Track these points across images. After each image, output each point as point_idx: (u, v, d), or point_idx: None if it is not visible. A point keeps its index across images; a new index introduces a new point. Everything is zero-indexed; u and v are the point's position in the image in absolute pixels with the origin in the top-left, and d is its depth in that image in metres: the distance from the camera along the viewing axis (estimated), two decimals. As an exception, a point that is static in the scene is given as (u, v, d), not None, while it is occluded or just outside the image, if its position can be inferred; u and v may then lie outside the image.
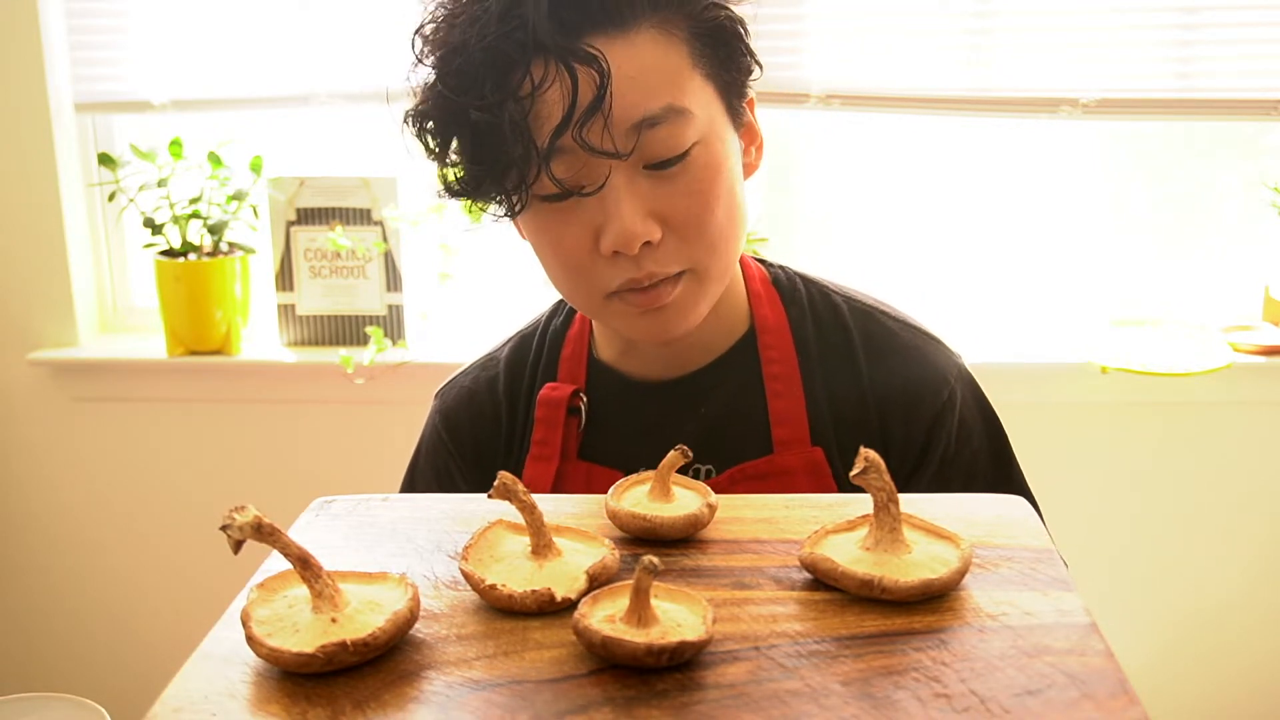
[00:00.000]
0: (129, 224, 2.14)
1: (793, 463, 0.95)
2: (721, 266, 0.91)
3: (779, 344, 0.98)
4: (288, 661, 0.56)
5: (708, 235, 0.88)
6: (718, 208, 0.88)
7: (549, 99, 0.82)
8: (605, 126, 0.82)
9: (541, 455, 0.99)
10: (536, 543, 0.66)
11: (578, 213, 0.86)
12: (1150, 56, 1.89)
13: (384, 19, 1.97)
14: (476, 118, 0.83)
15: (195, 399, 2.10)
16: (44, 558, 2.21)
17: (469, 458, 1.05)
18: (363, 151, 2.11)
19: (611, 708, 0.53)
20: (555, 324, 1.06)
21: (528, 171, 0.83)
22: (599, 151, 0.82)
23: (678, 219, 0.87)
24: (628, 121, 0.83)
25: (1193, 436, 2.01)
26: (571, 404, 0.99)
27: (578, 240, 0.88)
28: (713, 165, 0.87)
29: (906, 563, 0.64)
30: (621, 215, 0.84)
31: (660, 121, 0.84)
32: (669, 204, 0.86)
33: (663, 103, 0.84)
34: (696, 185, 0.86)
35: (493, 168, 0.85)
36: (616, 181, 0.85)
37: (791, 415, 0.96)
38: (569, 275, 0.91)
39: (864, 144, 2.04)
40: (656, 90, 0.84)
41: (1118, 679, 0.55)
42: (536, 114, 0.82)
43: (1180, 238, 2.10)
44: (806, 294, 1.02)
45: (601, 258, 0.87)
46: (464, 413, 1.06)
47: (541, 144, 0.82)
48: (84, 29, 2.03)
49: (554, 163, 0.83)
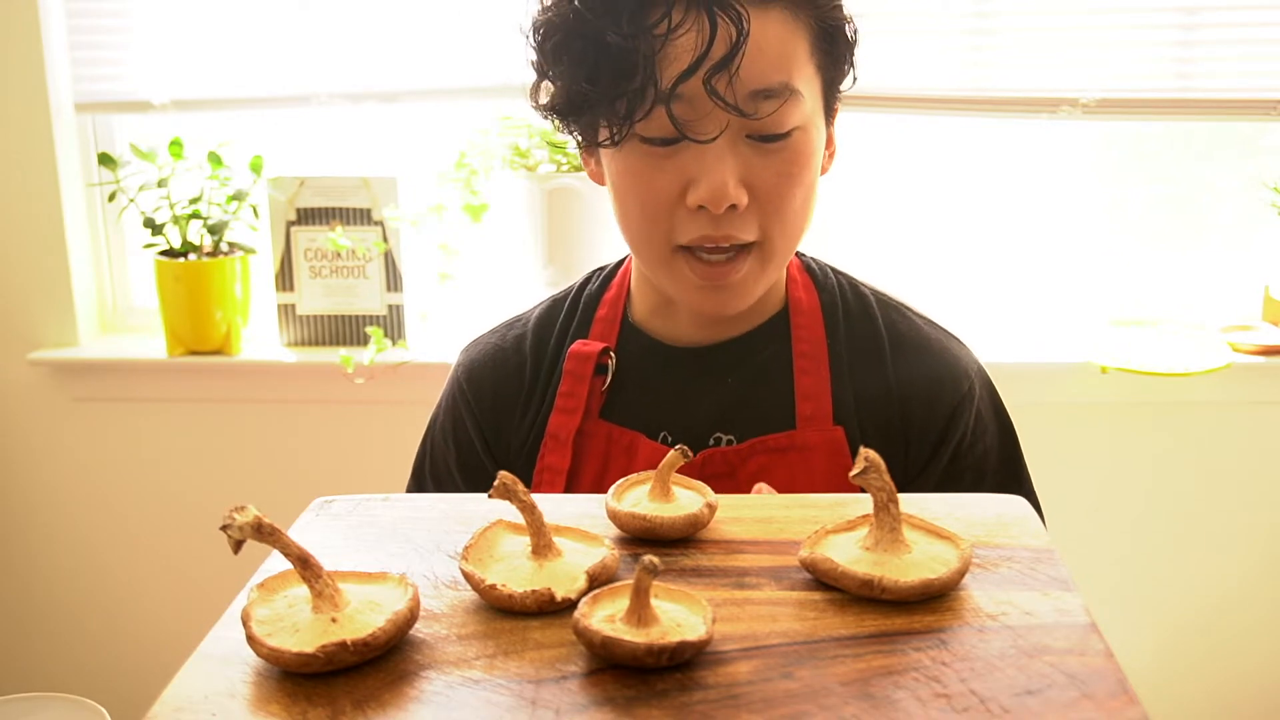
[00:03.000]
0: (129, 224, 2.14)
1: (814, 440, 0.96)
2: (787, 249, 0.95)
3: (810, 324, 1.01)
4: (288, 661, 0.56)
5: (785, 215, 0.91)
6: (799, 193, 0.91)
7: (682, 43, 0.84)
8: (729, 83, 0.84)
9: (566, 408, 1.01)
10: (536, 543, 0.66)
11: (674, 160, 0.89)
12: (1150, 56, 1.89)
13: (384, 19, 1.97)
14: (613, 40, 0.84)
15: (195, 399, 2.10)
16: (44, 558, 2.21)
17: (485, 410, 1.06)
18: (363, 151, 2.11)
19: (611, 708, 0.53)
20: (590, 289, 1.08)
21: (638, 107, 0.85)
22: (724, 102, 0.84)
23: (764, 192, 0.89)
24: (749, 86, 0.86)
25: (1193, 436, 2.01)
26: (600, 361, 1.01)
27: (667, 187, 0.90)
28: (806, 152, 0.91)
29: (906, 563, 0.64)
30: (720, 172, 0.87)
31: (775, 95, 0.87)
32: (760, 177, 0.89)
33: (782, 79, 0.87)
34: (788, 167, 0.89)
35: (607, 93, 0.86)
36: (722, 140, 0.87)
37: (817, 393, 0.98)
38: (647, 221, 0.92)
39: (864, 144, 2.04)
40: (779, 65, 0.87)
41: (1118, 679, 0.55)
42: (665, 54, 0.85)
43: (1180, 238, 2.10)
44: (837, 283, 1.05)
45: (684, 209, 0.90)
46: (487, 365, 1.07)
47: (665, 84, 0.84)
48: (84, 29, 2.03)
49: (673, 105, 0.85)
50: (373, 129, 2.10)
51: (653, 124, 0.86)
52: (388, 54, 1.99)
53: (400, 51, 1.99)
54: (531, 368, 1.05)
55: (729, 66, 0.83)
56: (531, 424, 1.03)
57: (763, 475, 0.95)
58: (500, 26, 1.92)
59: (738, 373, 1.00)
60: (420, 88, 2.00)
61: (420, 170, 2.04)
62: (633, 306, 1.05)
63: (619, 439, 0.99)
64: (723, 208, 0.88)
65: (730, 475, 0.95)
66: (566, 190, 1.87)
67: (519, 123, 1.93)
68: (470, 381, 1.07)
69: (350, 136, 2.11)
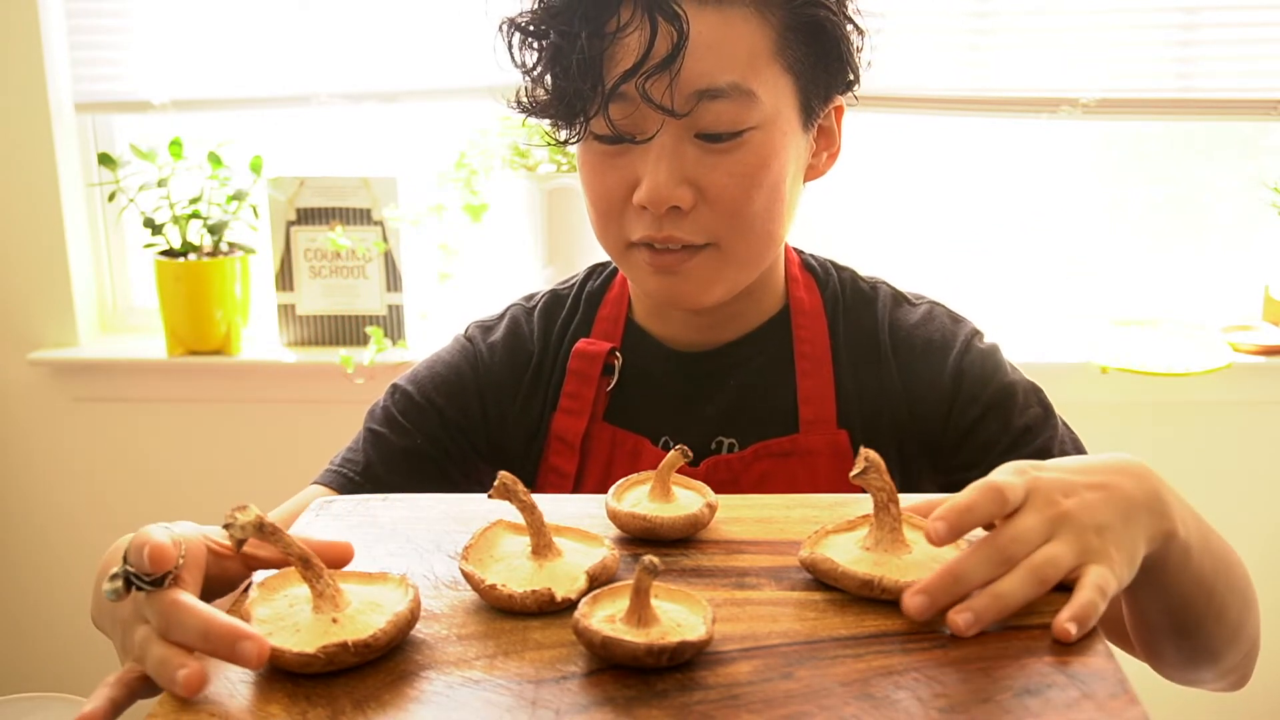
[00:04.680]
0: (129, 224, 2.13)
1: (817, 443, 0.96)
2: (750, 253, 0.93)
3: (812, 325, 1.00)
4: (288, 661, 0.56)
5: (741, 218, 0.90)
6: (758, 194, 0.89)
7: (628, 44, 0.84)
8: (669, 85, 0.84)
9: (572, 409, 1.00)
10: (536, 543, 0.66)
11: (624, 159, 0.89)
12: (1150, 56, 1.89)
13: (384, 19, 1.97)
14: (556, 41, 0.86)
15: (195, 399, 2.10)
16: (44, 557, 2.21)
17: (497, 367, 1.03)
18: (363, 151, 2.11)
19: (611, 708, 0.53)
20: (592, 285, 1.07)
21: (589, 107, 0.86)
22: (655, 104, 0.85)
23: (714, 193, 0.88)
24: (691, 86, 0.85)
25: (1193, 436, 2.01)
26: (607, 361, 1.01)
27: (616, 185, 0.90)
28: (765, 153, 0.89)
29: (906, 563, 0.64)
30: (658, 173, 0.87)
31: (722, 96, 0.86)
32: (709, 178, 0.88)
33: (731, 79, 0.86)
34: (742, 168, 0.88)
35: (561, 93, 0.87)
36: (664, 140, 0.87)
37: (819, 395, 0.97)
38: (600, 216, 0.93)
39: (864, 144, 2.04)
40: (729, 66, 0.86)
41: (1118, 679, 0.55)
42: (613, 54, 0.85)
43: (1180, 238, 2.10)
44: (838, 280, 1.04)
45: (632, 207, 0.90)
46: (503, 332, 1.06)
47: (607, 85, 0.85)
48: (84, 29, 2.03)
49: (613, 105, 0.86)
50: (372, 129, 2.10)
51: (600, 122, 0.88)
52: (387, 54, 1.99)
53: (400, 51, 1.99)
54: (538, 353, 1.04)
55: (668, 69, 0.83)
56: (534, 413, 1.02)
57: (766, 481, 0.95)
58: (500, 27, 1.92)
59: (739, 375, 0.99)
60: (420, 88, 2.00)
61: (420, 170, 2.04)
62: (634, 308, 1.05)
63: (623, 443, 0.98)
64: (662, 208, 0.88)
65: (734, 482, 0.95)
66: (566, 190, 1.87)
67: (519, 123, 1.93)
68: (485, 341, 1.05)
69: (350, 136, 2.11)
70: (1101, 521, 0.64)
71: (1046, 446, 0.95)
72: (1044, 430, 0.96)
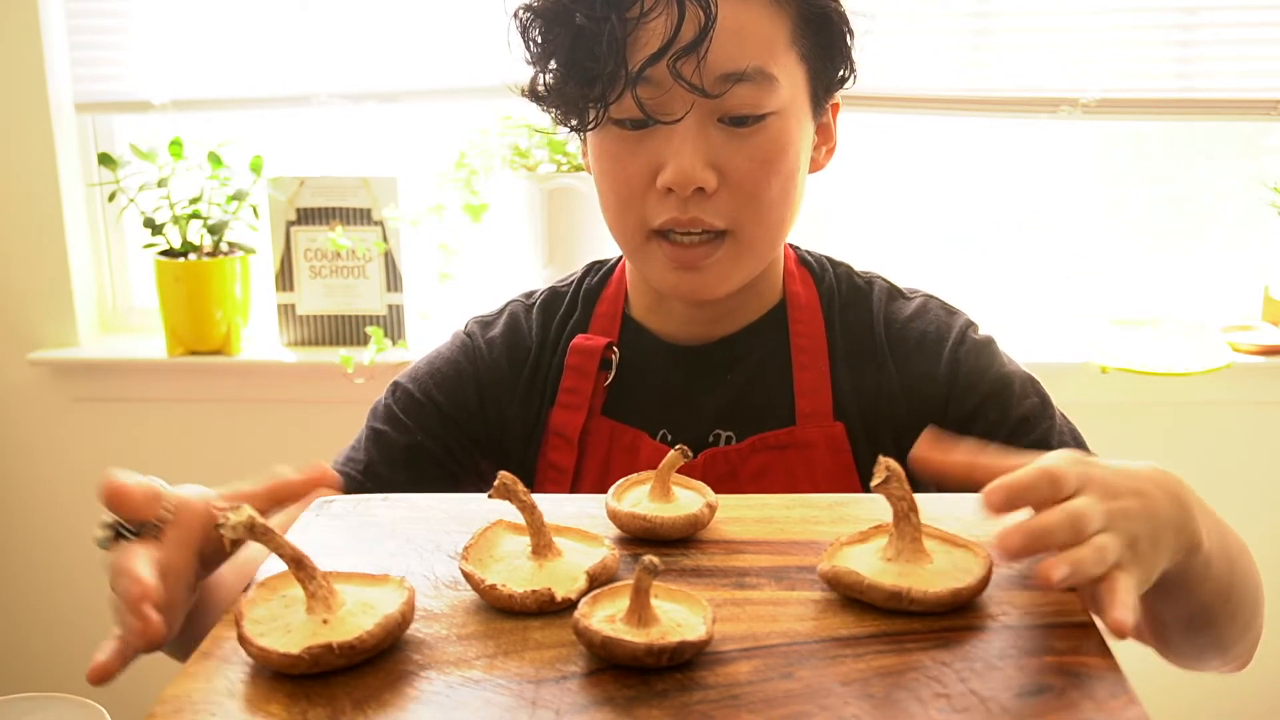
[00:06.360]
0: (129, 224, 2.13)
1: (814, 436, 0.96)
2: (765, 240, 0.94)
3: (809, 319, 1.01)
4: (275, 661, 0.56)
5: (759, 203, 0.91)
6: (775, 180, 0.91)
7: (652, 27, 0.85)
8: (698, 67, 0.85)
9: (570, 404, 1.00)
10: (536, 543, 0.66)
11: (646, 144, 0.90)
12: (1150, 56, 1.89)
13: (384, 19, 1.97)
14: (581, 23, 0.86)
15: (195, 399, 2.10)
16: (44, 558, 2.21)
17: (495, 370, 1.03)
18: (363, 151, 2.11)
19: (611, 708, 0.53)
20: (590, 283, 1.08)
21: (611, 89, 0.87)
22: (687, 84, 0.85)
23: (736, 177, 0.90)
24: (718, 70, 0.86)
25: (1193, 436, 2.01)
26: (604, 355, 1.01)
27: (638, 170, 0.91)
28: (783, 140, 0.90)
29: (930, 572, 0.63)
30: (685, 154, 0.88)
31: (747, 80, 0.87)
32: (732, 161, 0.89)
33: (755, 63, 0.87)
34: (762, 153, 0.90)
35: (582, 77, 0.88)
36: (690, 123, 0.88)
37: (816, 389, 0.97)
38: (620, 204, 0.93)
39: (864, 144, 2.04)
40: (753, 50, 0.87)
41: (1118, 679, 0.55)
42: (636, 38, 0.86)
43: (1180, 238, 2.10)
44: (834, 275, 1.04)
45: (655, 192, 0.91)
46: (502, 327, 1.06)
47: (633, 68, 0.86)
48: (84, 29, 2.03)
49: (641, 88, 0.87)
50: (372, 129, 2.10)
51: (623, 107, 0.88)
52: (387, 54, 1.99)
53: (400, 51, 1.98)
54: (537, 349, 1.04)
55: (696, 50, 0.85)
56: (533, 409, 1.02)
57: (764, 474, 0.95)
58: (500, 26, 1.92)
59: (736, 369, 1.00)
60: (420, 88, 2.00)
61: (420, 170, 2.04)
62: (631, 304, 1.05)
63: (621, 437, 0.98)
64: (689, 190, 0.89)
65: (732, 476, 0.95)
66: (566, 190, 1.87)
67: (519, 122, 1.93)
68: (484, 337, 1.06)
69: (350, 136, 2.11)
70: (1136, 532, 0.64)
71: (1044, 437, 0.95)
72: (1042, 421, 0.96)
